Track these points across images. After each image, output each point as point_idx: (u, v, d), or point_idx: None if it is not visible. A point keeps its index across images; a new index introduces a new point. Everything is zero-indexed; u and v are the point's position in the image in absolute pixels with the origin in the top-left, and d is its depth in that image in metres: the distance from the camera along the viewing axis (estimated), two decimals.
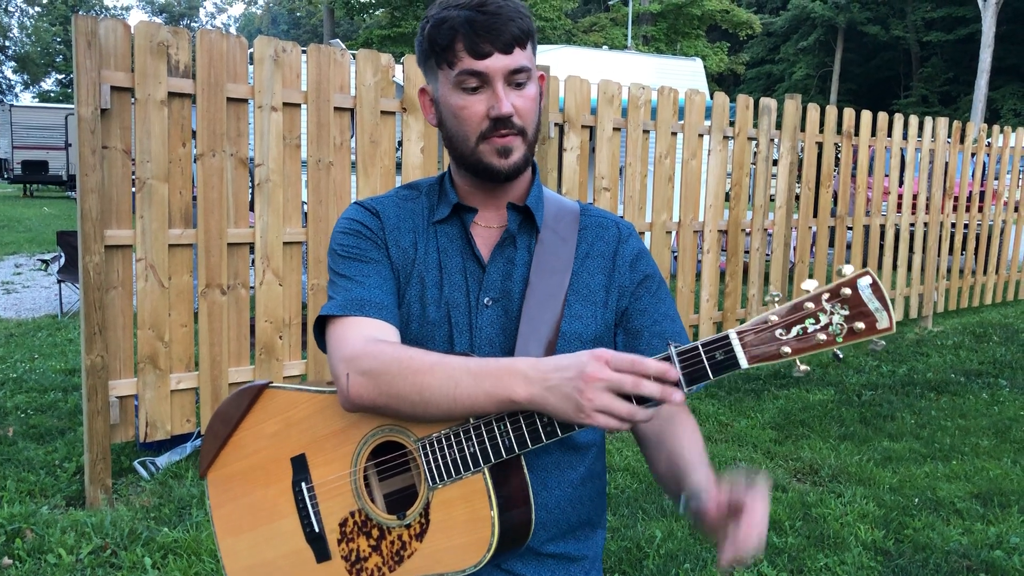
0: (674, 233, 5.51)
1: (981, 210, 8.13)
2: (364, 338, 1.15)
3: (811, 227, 6.38)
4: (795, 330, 1.00)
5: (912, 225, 7.38)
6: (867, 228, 6.92)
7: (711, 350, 1.02)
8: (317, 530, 1.22)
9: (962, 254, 8.52)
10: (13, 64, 52.93)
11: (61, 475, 3.75)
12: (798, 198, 6.27)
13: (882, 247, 7.07)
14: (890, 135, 6.98)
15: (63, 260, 7.42)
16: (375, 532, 1.18)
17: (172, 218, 3.55)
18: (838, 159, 6.80)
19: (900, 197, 8.28)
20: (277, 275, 3.84)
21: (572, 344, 1.21)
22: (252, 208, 3.90)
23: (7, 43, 51.72)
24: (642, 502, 3.60)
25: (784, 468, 4.11)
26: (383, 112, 4.02)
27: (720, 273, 5.87)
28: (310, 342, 3.64)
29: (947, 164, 7.58)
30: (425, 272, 1.24)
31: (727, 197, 5.95)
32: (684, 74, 13.13)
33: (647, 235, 5.47)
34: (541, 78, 1.26)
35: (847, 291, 0.98)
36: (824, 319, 0.99)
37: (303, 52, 3.91)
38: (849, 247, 7.16)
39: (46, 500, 3.50)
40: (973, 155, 7.93)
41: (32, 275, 10.25)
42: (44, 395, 5.02)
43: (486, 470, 1.10)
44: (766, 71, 46.24)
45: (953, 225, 7.86)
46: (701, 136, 5.47)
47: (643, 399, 1.00)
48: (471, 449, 1.10)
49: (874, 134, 6.82)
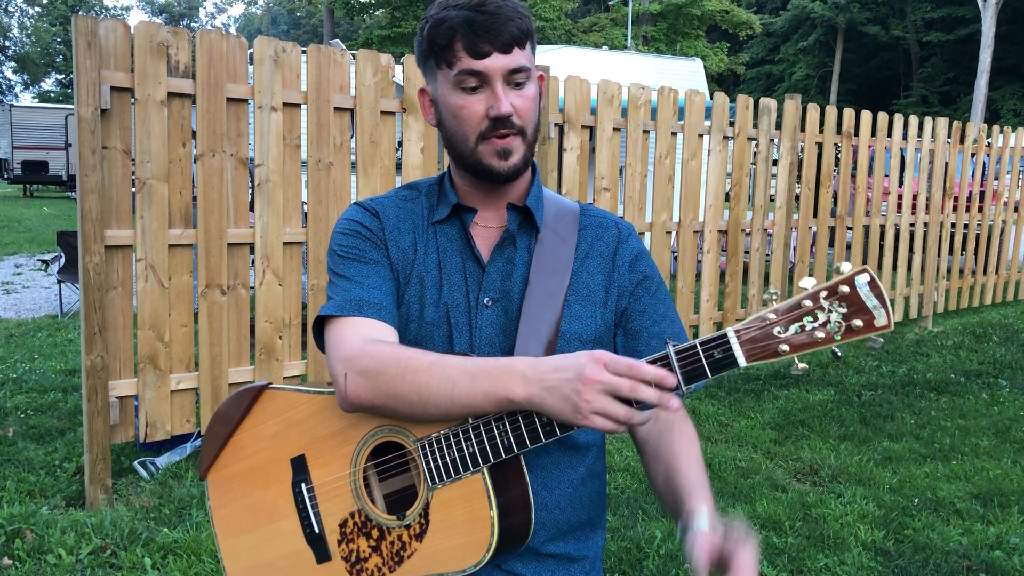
0: (674, 233, 5.51)
1: (981, 210, 8.13)
2: (362, 338, 1.15)
3: (811, 227, 6.38)
4: (793, 328, 1.00)
5: (912, 225, 7.38)
6: (867, 228, 6.92)
7: (709, 349, 1.02)
8: (317, 531, 1.22)
9: (962, 254, 8.52)
10: (13, 64, 52.94)
11: (61, 475, 3.75)
12: (798, 198, 6.27)
13: (882, 247, 7.07)
14: (890, 135, 6.98)
15: (63, 260, 7.42)
16: (375, 533, 1.18)
17: (172, 218, 3.55)
18: (838, 159, 6.80)
19: (900, 197, 8.28)
20: (277, 275, 3.84)
21: (572, 344, 1.21)
22: (252, 208, 3.90)
23: (7, 43, 51.72)
24: (642, 502, 3.60)
25: (784, 468, 4.11)
26: (383, 112, 4.02)
27: (720, 273, 5.87)
28: (310, 342, 3.64)
29: (947, 164, 7.57)
30: (424, 272, 1.24)
31: (727, 197, 5.95)
32: (684, 74, 13.13)
33: (647, 235, 5.47)
34: (541, 78, 1.26)
35: (845, 289, 0.98)
36: (822, 317, 0.99)
37: (303, 52, 3.91)
38: (849, 247, 7.16)
39: (46, 500, 3.50)
40: (973, 155, 7.92)
41: (32, 275, 10.25)
42: (44, 395, 5.02)
43: (485, 470, 1.10)
44: (766, 71, 46.23)
45: (953, 225, 7.86)
46: (701, 136, 5.47)
47: (640, 402, 1.00)
48: (470, 449, 1.10)
49: (874, 134, 6.82)
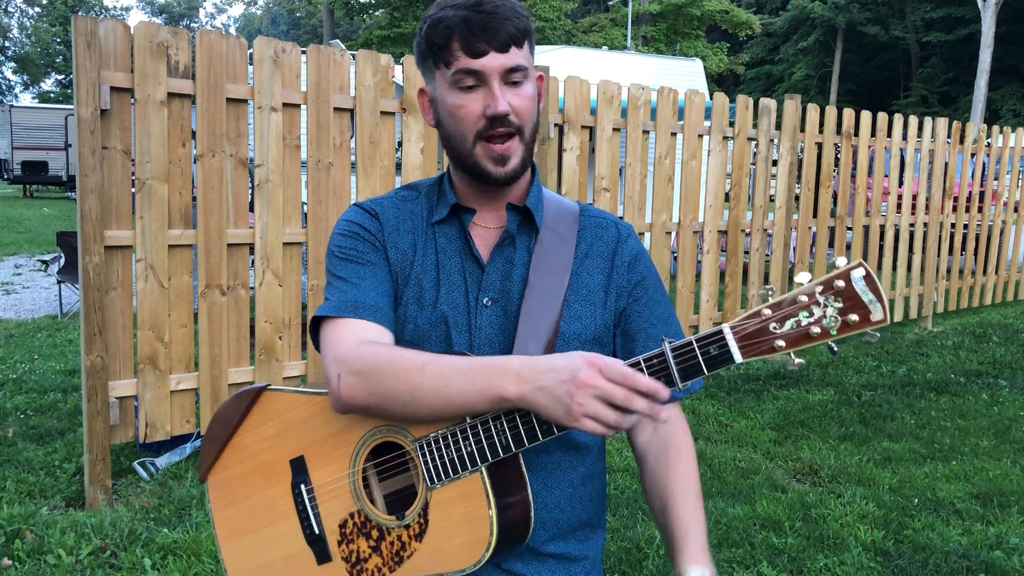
0: (674, 233, 5.52)
1: (981, 210, 8.13)
2: (357, 339, 1.15)
3: (811, 227, 6.39)
4: (789, 323, 1.00)
5: (912, 225, 7.38)
6: (867, 228, 6.93)
7: (705, 345, 1.02)
8: (317, 532, 1.22)
9: (962, 254, 8.52)
10: (13, 65, 52.95)
11: (61, 476, 3.75)
12: (798, 198, 6.27)
13: (882, 247, 7.07)
14: (890, 135, 6.98)
15: (63, 261, 7.42)
16: (375, 533, 1.18)
17: (172, 219, 3.55)
18: (838, 159, 6.80)
19: (900, 197, 8.28)
20: (277, 276, 3.84)
21: (571, 344, 1.21)
22: (252, 209, 3.90)
23: (7, 44, 51.72)
24: (642, 502, 3.60)
25: (784, 468, 4.11)
26: (383, 113, 4.02)
27: (720, 273, 5.87)
28: (310, 343, 3.63)
29: (947, 164, 7.58)
30: (423, 273, 1.24)
31: (727, 197, 5.95)
32: (684, 74, 13.13)
33: (647, 236, 5.47)
34: (540, 79, 1.26)
35: (840, 283, 0.98)
36: (818, 312, 0.99)
37: (303, 53, 3.91)
38: (849, 247, 7.16)
39: (46, 501, 3.50)
40: (973, 155, 7.93)
41: (32, 276, 10.25)
42: (44, 396, 5.02)
43: (483, 469, 1.10)
44: (766, 71, 46.24)
45: (953, 225, 7.86)
46: (701, 136, 5.47)
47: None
48: (468, 448, 1.10)
49: (874, 134, 6.82)
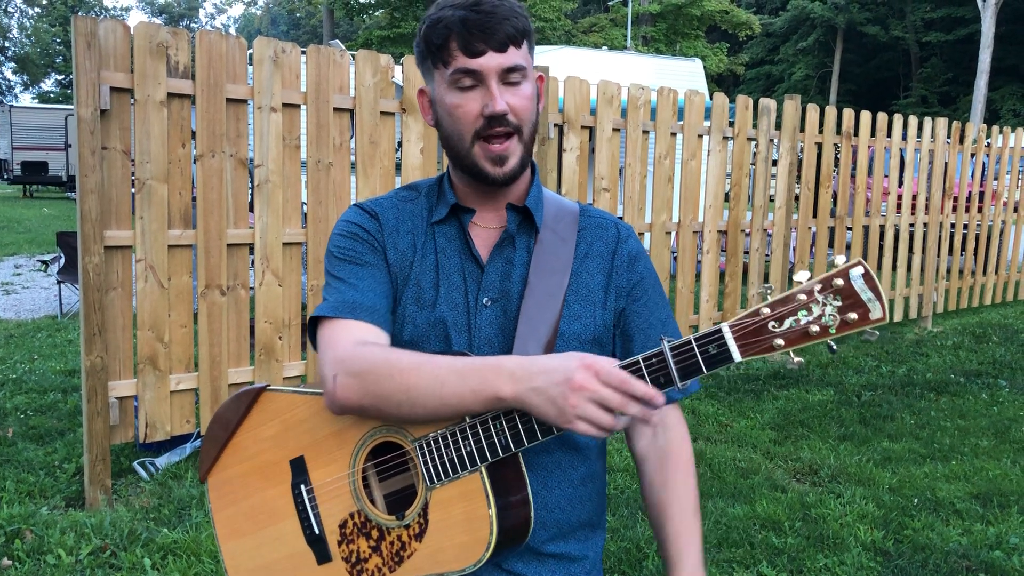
0: (674, 234, 5.52)
1: (980, 210, 8.13)
2: (353, 341, 1.15)
3: (811, 227, 6.39)
4: (788, 322, 1.00)
5: (912, 225, 7.38)
6: (867, 228, 6.93)
7: (704, 344, 1.02)
8: (317, 532, 1.22)
9: (962, 254, 8.52)
10: (13, 65, 52.94)
11: (61, 476, 3.75)
12: (797, 198, 6.27)
13: (882, 247, 7.07)
14: (889, 135, 6.98)
15: (63, 261, 7.42)
16: (375, 533, 1.18)
17: (172, 219, 3.55)
18: (837, 159, 6.80)
19: (900, 197, 8.29)
20: (277, 276, 3.84)
21: (571, 344, 1.21)
22: (252, 209, 3.90)
23: (7, 44, 51.72)
24: (642, 503, 3.60)
25: (783, 468, 4.11)
26: (382, 113, 4.02)
27: (720, 273, 5.87)
28: (309, 343, 3.63)
29: (946, 164, 7.58)
30: (423, 273, 1.24)
31: (726, 198, 5.95)
32: (683, 75, 13.13)
33: (646, 236, 5.47)
34: (540, 79, 1.26)
35: (839, 282, 0.98)
36: (817, 310, 0.99)
37: (302, 53, 3.91)
38: (849, 247, 7.16)
39: (46, 501, 3.50)
40: (972, 155, 7.93)
41: (32, 276, 10.24)
42: (44, 396, 5.02)
43: (483, 469, 1.10)
44: (765, 72, 46.23)
45: (953, 225, 7.86)
46: (700, 137, 5.47)
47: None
48: (467, 448, 1.10)
49: (873, 134, 6.82)
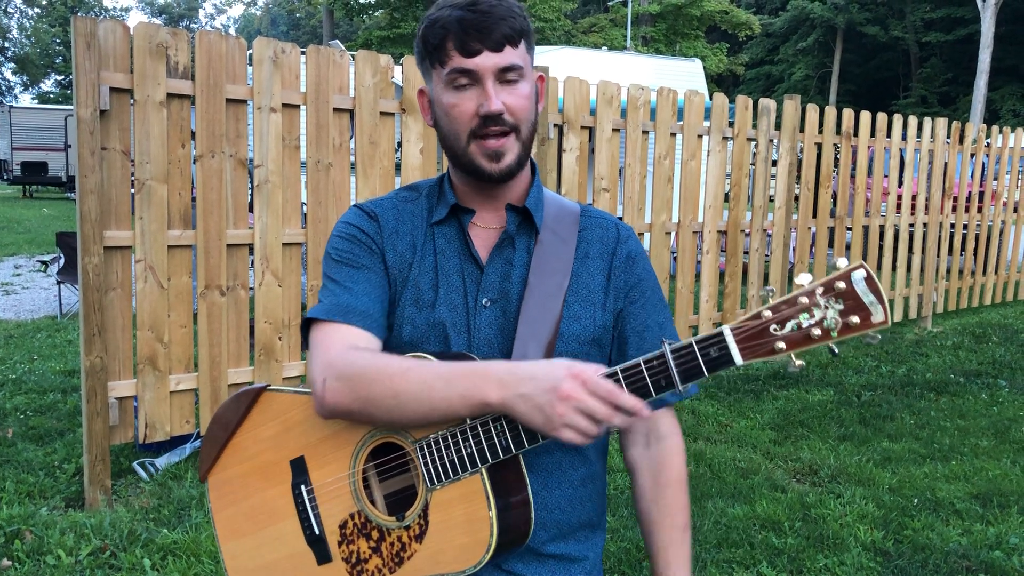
0: (673, 234, 5.51)
1: (980, 211, 8.13)
2: (343, 345, 1.16)
3: (810, 228, 6.38)
4: (790, 325, 0.99)
5: (911, 226, 7.38)
6: (866, 228, 6.92)
7: (705, 347, 1.02)
8: (317, 532, 1.22)
9: (961, 254, 8.52)
10: (12, 65, 52.94)
11: (60, 476, 3.75)
12: (797, 199, 6.27)
13: (881, 248, 7.07)
14: (889, 135, 6.98)
15: (62, 261, 7.42)
16: (375, 534, 1.18)
17: (171, 219, 3.54)
18: (837, 160, 6.80)
19: (899, 198, 8.29)
20: (276, 276, 3.84)
21: (571, 345, 1.21)
22: (251, 209, 3.90)
23: (6, 44, 51.72)
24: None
25: (783, 468, 4.11)
26: (382, 113, 4.02)
27: (719, 274, 5.87)
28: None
29: (946, 165, 7.58)
30: (422, 274, 1.24)
31: (726, 198, 5.95)
32: (683, 75, 13.13)
33: (646, 236, 5.47)
34: (541, 79, 1.26)
35: (841, 285, 0.97)
36: (819, 314, 0.98)
37: (302, 53, 3.91)
38: (848, 248, 7.16)
39: (45, 501, 3.49)
40: (972, 155, 7.93)
41: (31, 276, 10.24)
42: (43, 396, 5.02)
43: (484, 470, 1.10)
44: (765, 72, 46.24)
45: (952, 225, 7.86)
46: (700, 137, 5.47)
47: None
48: (468, 450, 1.10)
49: (873, 135, 6.82)
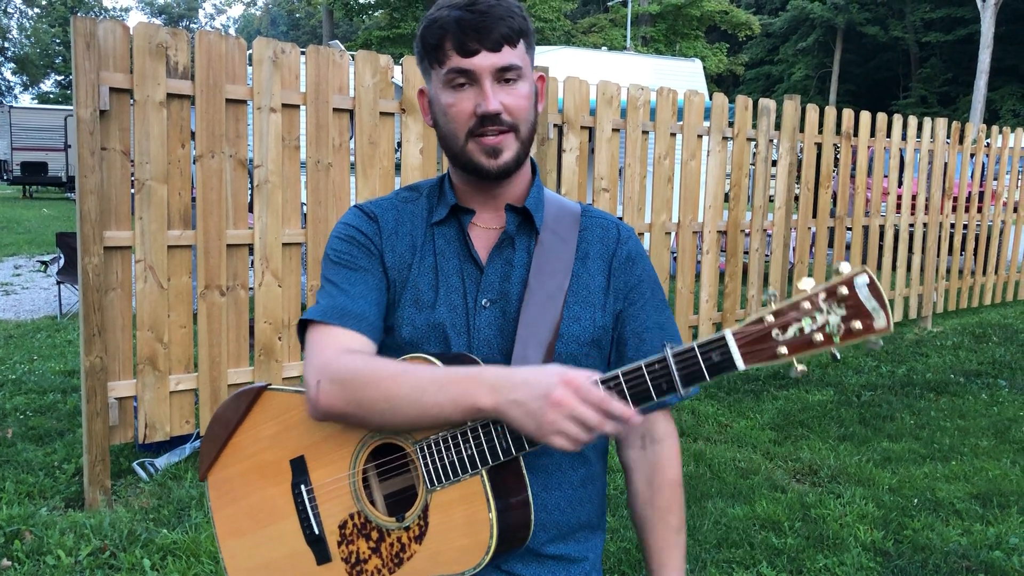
0: (673, 234, 5.51)
1: (980, 211, 8.13)
2: (337, 348, 1.16)
3: (810, 228, 6.38)
4: (792, 330, 0.99)
5: (911, 226, 7.38)
6: (866, 229, 6.92)
7: (707, 351, 1.02)
8: (317, 532, 1.22)
9: (961, 255, 8.52)
10: (12, 65, 52.94)
11: (60, 476, 3.74)
12: (797, 199, 6.27)
13: (881, 248, 7.07)
14: (889, 136, 6.98)
15: (62, 261, 7.42)
16: (375, 534, 1.18)
17: (171, 219, 3.54)
18: (837, 160, 6.80)
19: (899, 198, 8.28)
20: (276, 276, 3.84)
21: (570, 346, 1.21)
22: (251, 209, 3.90)
23: (6, 44, 51.71)
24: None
25: (783, 469, 4.11)
26: (382, 113, 4.02)
27: (719, 274, 5.87)
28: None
29: (946, 165, 7.58)
30: (421, 275, 1.24)
31: (726, 198, 5.95)
32: (683, 75, 13.13)
33: (646, 236, 5.47)
34: (541, 79, 1.26)
35: (844, 290, 0.97)
36: (821, 319, 0.98)
37: (302, 53, 3.91)
38: (848, 248, 7.16)
39: (45, 502, 3.49)
40: (972, 156, 7.93)
41: (31, 276, 10.24)
42: (43, 396, 5.02)
43: (484, 472, 1.10)
44: (765, 72, 46.24)
45: (952, 226, 7.86)
46: (700, 137, 5.47)
47: None
48: (468, 451, 1.10)
49: (873, 135, 6.82)
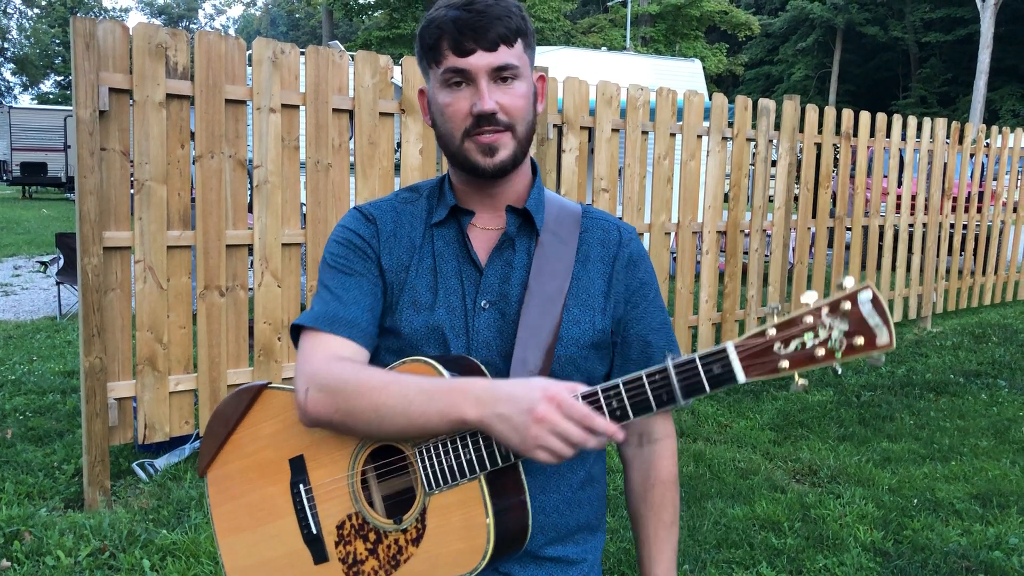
0: (673, 234, 5.51)
1: (980, 211, 8.13)
2: (327, 355, 1.16)
3: (810, 228, 6.38)
4: (794, 344, 0.99)
5: (911, 226, 7.38)
6: (866, 229, 6.92)
7: (708, 363, 1.01)
8: (315, 532, 1.22)
9: (961, 255, 8.52)
10: (12, 66, 52.93)
11: (60, 477, 3.74)
12: (797, 199, 6.26)
13: (881, 248, 7.07)
14: (889, 136, 6.98)
15: (62, 262, 7.42)
16: (372, 536, 1.18)
17: (171, 220, 3.54)
18: (837, 160, 6.80)
19: (899, 198, 8.28)
20: (276, 277, 3.84)
21: (570, 349, 1.21)
22: (251, 210, 3.90)
23: (6, 45, 51.71)
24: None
25: (783, 469, 4.11)
26: (382, 114, 4.02)
27: (719, 274, 5.87)
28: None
29: (946, 165, 7.58)
30: (420, 276, 1.24)
31: (726, 198, 5.95)
32: (683, 75, 13.13)
33: (646, 236, 5.47)
34: (541, 79, 1.26)
35: (847, 305, 0.97)
36: (823, 334, 0.98)
37: (301, 54, 3.91)
38: (848, 248, 7.16)
39: (44, 502, 3.49)
40: (972, 156, 7.93)
41: (31, 277, 10.24)
42: (43, 397, 5.02)
43: (482, 477, 1.10)
44: (765, 72, 46.24)
45: (952, 226, 7.86)
46: (700, 137, 5.47)
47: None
48: (467, 456, 1.10)
49: (873, 135, 6.82)
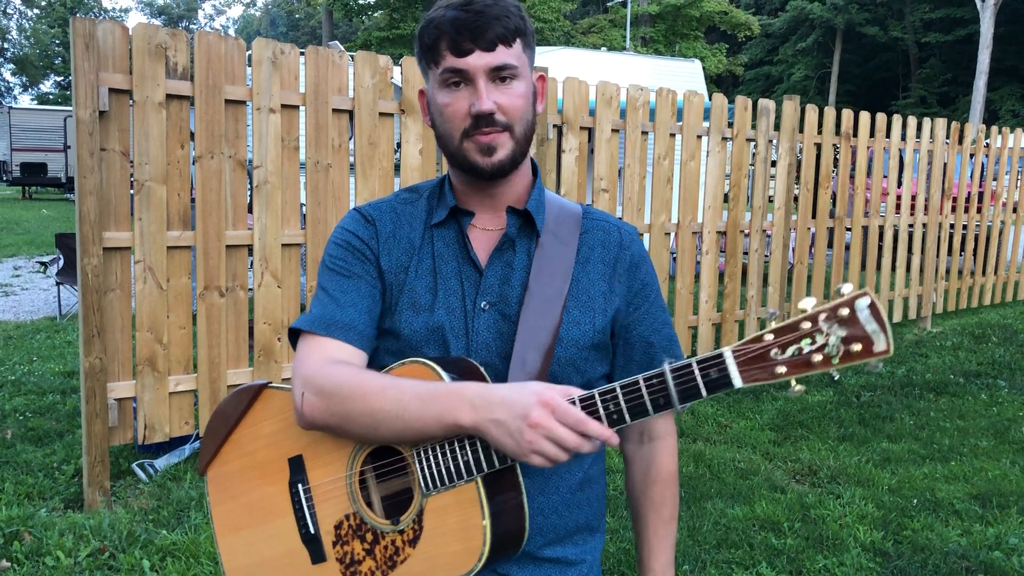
0: (673, 234, 5.51)
1: (980, 211, 8.13)
2: (323, 359, 1.17)
3: (810, 228, 6.38)
4: (791, 350, 0.99)
5: (911, 226, 7.38)
6: (866, 229, 6.92)
7: (706, 368, 1.02)
8: (312, 532, 1.22)
9: (961, 255, 8.52)
10: (12, 66, 52.94)
11: (59, 477, 3.74)
12: (796, 199, 6.27)
13: (881, 248, 7.07)
14: (889, 136, 6.98)
15: (62, 262, 7.42)
16: (369, 536, 1.18)
17: (170, 220, 3.54)
18: (837, 160, 6.80)
19: (899, 198, 8.28)
20: (276, 277, 3.84)
21: (570, 350, 1.21)
22: (251, 210, 3.90)
23: (6, 45, 51.71)
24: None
25: (783, 469, 4.11)
26: (381, 114, 4.02)
27: (719, 274, 5.87)
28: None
29: (946, 165, 7.58)
30: (419, 277, 1.24)
31: (726, 198, 5.95)
32: (682, 75, 13.13)
33: (646, 236, 5.46)
34: (542, 79, 1.26)
35: (845, 312, 0.97)
36: (820, 340, 0.98)
37: (301, 54, 3.91)
38: (848, 248, 7.16)
39: (44, 503, 3.49)
40: (972, 156, 7.93)
41: (31, 277, 10.24)
42: (42, 397, 5.02)
43: (479, 479, 1.10)
44: (765, 72, 46.25)
45: (952, 226, 7.86)
46: (699, 137, 5.47)
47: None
48: (465, 458, 1.10)
49: (873, 135, 6.82)
